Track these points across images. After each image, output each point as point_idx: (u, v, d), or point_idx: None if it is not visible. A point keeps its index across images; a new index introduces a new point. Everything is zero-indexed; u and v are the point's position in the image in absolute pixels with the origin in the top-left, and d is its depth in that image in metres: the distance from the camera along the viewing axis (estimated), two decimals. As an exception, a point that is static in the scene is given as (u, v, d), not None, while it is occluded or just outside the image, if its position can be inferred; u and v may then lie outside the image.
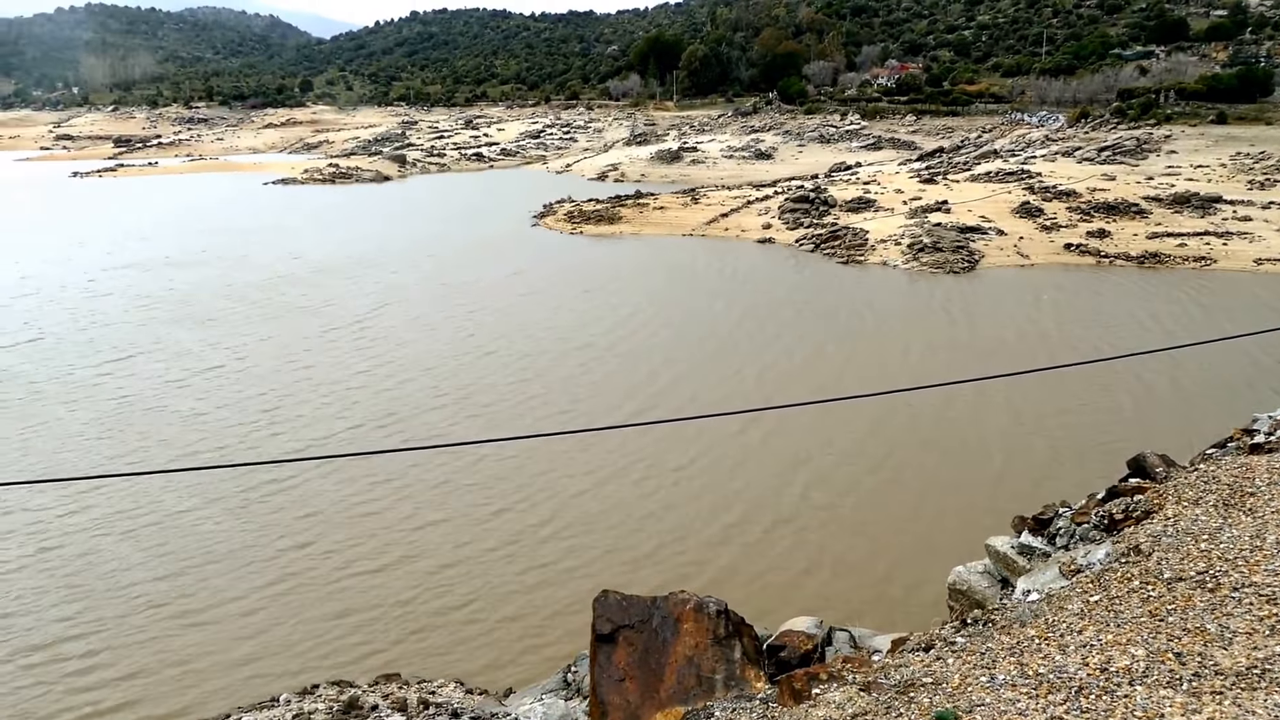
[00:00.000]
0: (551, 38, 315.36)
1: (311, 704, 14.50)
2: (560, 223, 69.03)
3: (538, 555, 19.76)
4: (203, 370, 33.06)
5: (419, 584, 18.71)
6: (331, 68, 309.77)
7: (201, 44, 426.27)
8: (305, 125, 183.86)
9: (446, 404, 29.39)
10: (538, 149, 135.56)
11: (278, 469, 23.86)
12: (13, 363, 34.21)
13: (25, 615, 17.66)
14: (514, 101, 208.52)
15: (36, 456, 25.27)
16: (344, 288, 46.79)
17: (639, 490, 22.86)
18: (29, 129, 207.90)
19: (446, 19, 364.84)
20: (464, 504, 22.16)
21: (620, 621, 6.72)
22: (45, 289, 47.13)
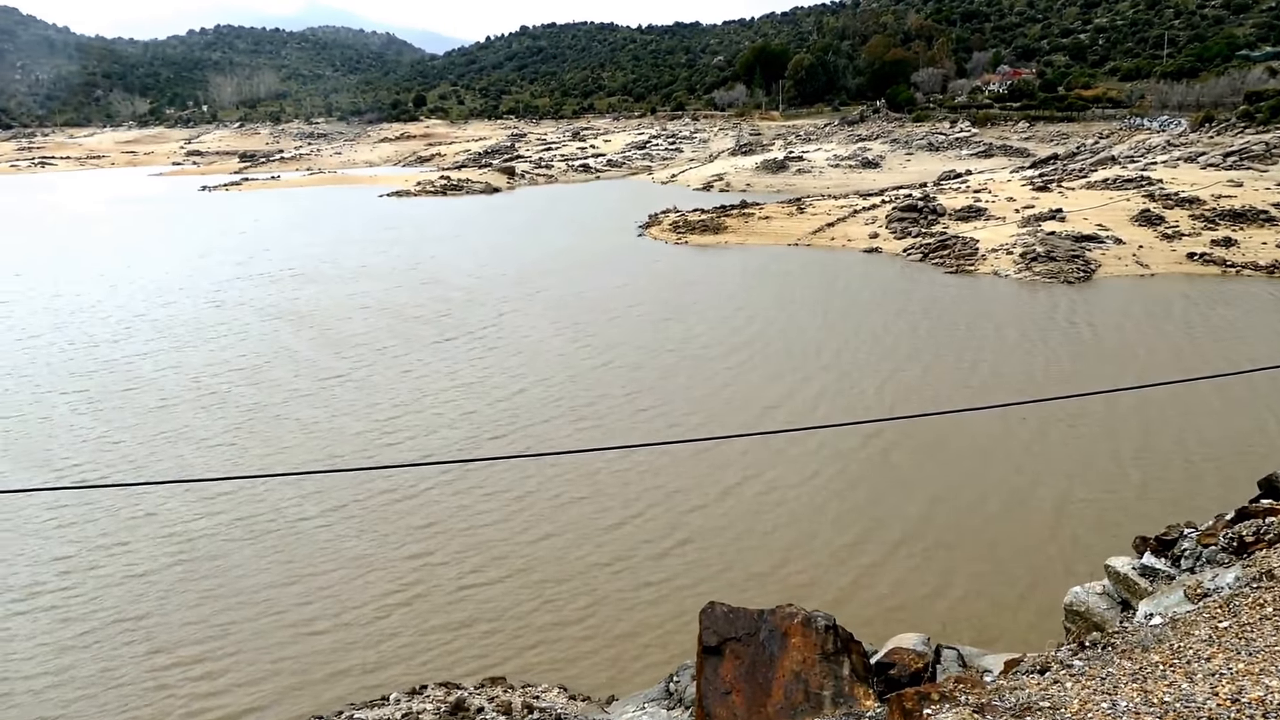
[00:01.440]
0: (658, 49, 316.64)
1: (420, 704, 14.78)
2: (665, 233, 69.21)
3: (649, 569, 19.64)
4: (325, 379, 33.86)
5: (533, 595, 18.80)
6: (444, 82, 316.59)
7: (322, 62, 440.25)
8: (418, 139, 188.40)
9: (560, 415, 29.46)
10: (643, 160, 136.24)
11: (397, 478, 24.37)
12: (148, 370, 35.64)
13: (156, 617, 18.31)
14: (620, 113, 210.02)
15: (168, 462, 26.27)
16: (458, 298, 47.57)
17: (757, 504, 22.55)
18: (162, 145, 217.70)
19: (555, 33, 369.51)
20: (580, 515, 22.11)
21: (727, 634, 6.69)
22: (179, 299, 49.06)
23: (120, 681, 16.07)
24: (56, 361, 37.40)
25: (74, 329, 42.92)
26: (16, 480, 25.10)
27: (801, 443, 25.92)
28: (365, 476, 24.27)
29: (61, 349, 39.36)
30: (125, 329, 42.46)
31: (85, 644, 17.20)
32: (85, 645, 17.19)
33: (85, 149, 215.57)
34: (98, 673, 16.33)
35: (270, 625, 17.83)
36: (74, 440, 28.20)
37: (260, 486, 23.94)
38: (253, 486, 23.86)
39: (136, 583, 19.36)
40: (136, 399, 31.99)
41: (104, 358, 37.76)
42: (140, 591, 19.04)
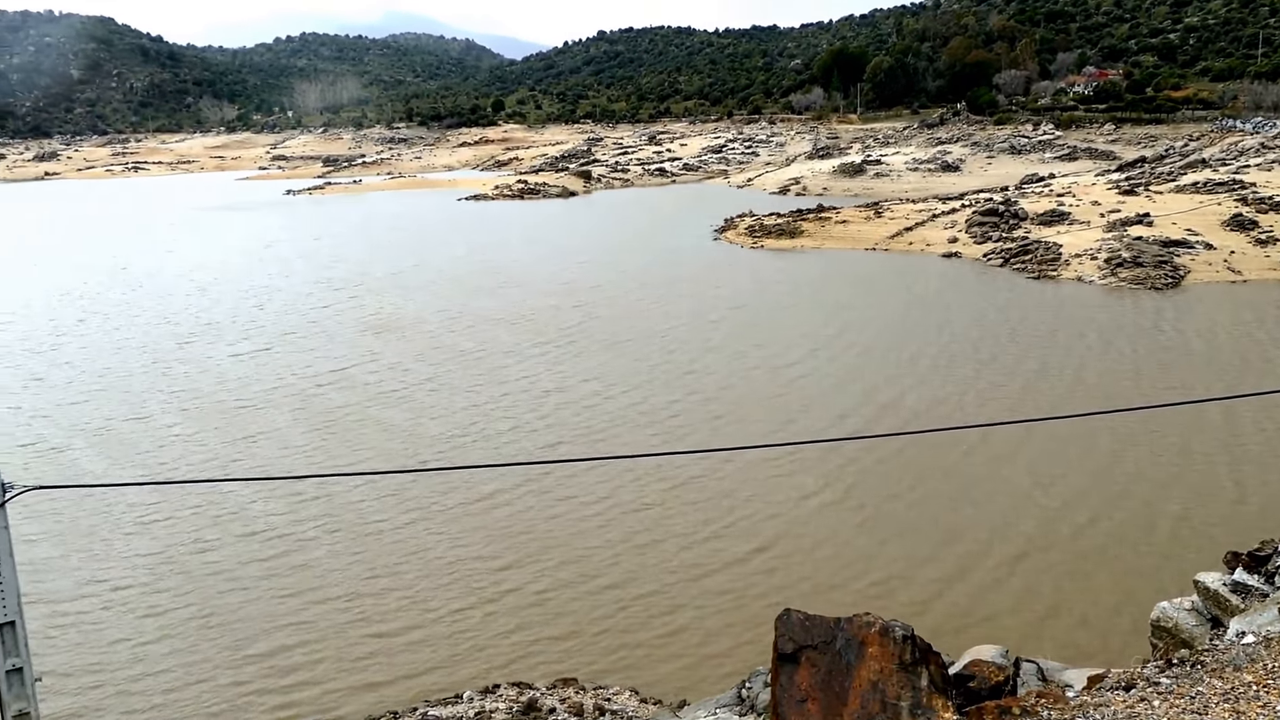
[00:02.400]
0: (735, 53, 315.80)
1: (493, 703, 14.94)
2: (741, 236, 69.01)
3: (724, 575, 19.55)
4: (407, 383, 34.23)
5: (606, 599, 18.86)
6: (522, 87, 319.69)
7: (403, 68, 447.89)
8: (496, 143, 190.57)
9: (642, 420, 29.42)
10: (719, 163, 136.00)
11: (477, 482, 24.65)
12: (245, 372, 36.54)
13: (237, 615, 18.72)
14: (696, 117, 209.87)
15: (251, 462, 26.89)
16: (541, 302, 47.77)
17: (836, 513, 22.29)
18: (249, 150, 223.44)
19: (632, 37, 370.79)
20: (658, 521, 22.03)
21: (803, 641, 6.65)
22: (270, 302, 50.18)
23: (201, 677, 16.46)
24: (153, 361, 38.55)
25: (168, 329, 44.21)
26: (114, 476, 25.97)
27: (882, 450, 25.59)
28: (447, 481, 24.48)
29: (155, 348, 40.58)
30: (215, 331, 43.57)
31: (169, 639, 17.63)
32: (169, 640, 17.62)
33: (176, 154, 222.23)
34: (180, 668, 16.75)
35: (348, 623, 18.11)
36: (164, 438, 29.02)
37: (340, 486, 24.34)
38: (334, 488, 24.24)
39: (219, 580, 19.81)
40: (223, 399, 32.79)
41: (196, 357, 38.82)
42: (223, 589, 19.46)
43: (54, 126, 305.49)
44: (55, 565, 20.27)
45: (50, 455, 27.59)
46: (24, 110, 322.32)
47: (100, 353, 39.90)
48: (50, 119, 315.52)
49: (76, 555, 21.01)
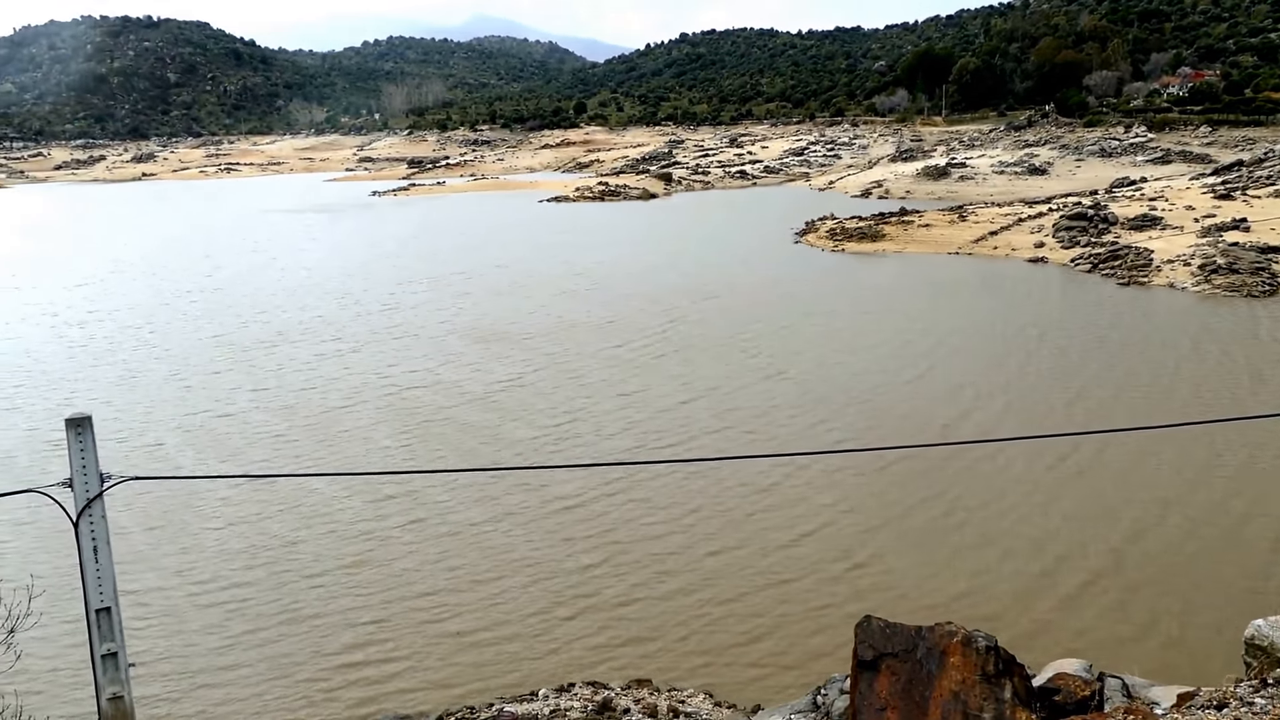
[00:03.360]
0: (818, 54, 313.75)
1: (568, 701, 15.05)
2: (822, 240, 68.50)
3: (806, 582, 19.33)
4: (496, 385, 34.35)
5: (683, 601, 18.84)
6: (604, 90, 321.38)
7: (487, 70, 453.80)
8: (578, 145, 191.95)
9: (729, 425, 29.12)
10: (801, 166, 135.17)
11: (564, 485, 24.86)
12: (326, 371, 37.28)
13: (322, 615, 19.03)
14: (778, 119, 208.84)
15: (341, 460, 27.38)
16: (624, 305, 47.77)
17: (938, 525, 21.79)
18: (337, 152, 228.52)
19: (714, 39, 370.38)
20: (760, 531, 21.76)
21: (883, 649, 6.61)
22: (358, 303, 50.94)
23: (283, 673, 16.76)
24: (243, 359, 39.61)
25: (258, 328, 45.39)
26: (205, 471, 26.76)
27: (968, 458, 25.10)
28: (528, 483, 24.66)
29: (246, 347, 41.70)
30: (305, 330, 44.49)
31: (253, 634, 17.95)
32: (252, 635, 17.94)
33: (267, 155, 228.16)
34: (263, 662, 17.07)
35: (426, 621, 18.29)
36: (255, 435, 29.80)
37: (423, 486, 24.60)
38: (416, 486, 24.49)
39: (303, 577, 20.14)
40: (314, 399, 33.43)
41: (285, 356, 39.75)
42: (307, 585, 19.77)
43: (151, 128, 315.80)
44: (146, 556, 20.87)
45: (145, 450, 28.41)
46: (123, 112, 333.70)
47: (193, 350, 41.05)
48: (148, 121, 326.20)
49: (166, 547, 21.62)
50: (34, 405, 33.13)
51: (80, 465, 6.79)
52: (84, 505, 6.82)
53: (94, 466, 6.84)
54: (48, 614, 10.70)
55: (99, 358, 40.14)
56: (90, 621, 6.97)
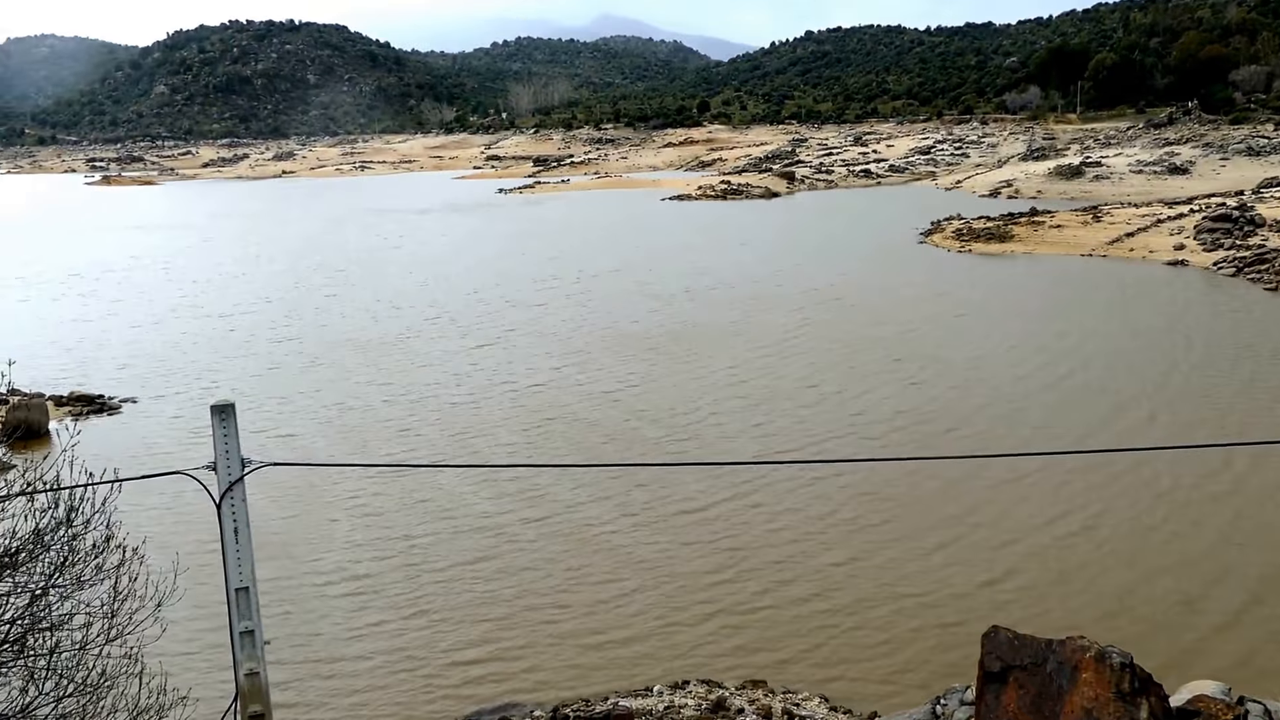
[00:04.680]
0: (946, 51, 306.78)
1: (682, 698, 15.13)
2: (948, 240, 67.02)
3: (931, 591, 18.92)
4: (620, 384, 34.35)
5: (802, 603, 18.70)
6: (727, 88, 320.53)
7: (612, 70, 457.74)
8: (701, 144, 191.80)
9: (857, 431, 28.55)
10: (927, 165, 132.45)
11: (686, 485, 24.95)
12: (461, 366, 37.88)
13: (443, 611, 19.36)
14: (904, 117, 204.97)
15: (465, 456, 27.86)
16: (748, 305, 47.29)
17: (1082, 541, 20.88)
18: (465, 150, 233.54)
19: (840, 37, 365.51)
20: (884, 539, 21.28)
21: (1011, 661, 6.47)
22: (489, 299, 51.59)
23: (404, 667, 17.04)
24: (377, 354, 40.79)
25: (391, 323, 46.62)
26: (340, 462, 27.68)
27: (1130, 473, 23.82)
28: (655, 484, 24.57)
29: (379, 341, 42.94)
30: (434, 326, 45.39)
31: (378, 630, 18.28)
32: (377, 627, 18.31)
33: (398, 154, 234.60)
34: (382, 654, 17.39)
35: (550, 620, 18.42)
36: (384, 429, 30.62)
37: (548, 485, 24.78)
38: (544, 488, 24.62)
39: (429, 575, 20.39)
40: (441, 394, 34.01)
41: (418, 351, 40.66)
42: (431, 583, 20.01)
43: (291, 128, 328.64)
44: (279, 542, 21.60)
45: (280, 439, 29.41)
46: (265, 112, 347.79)
47: (327, 344, 42.35)
48: (288, 121, 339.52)
49: (298, 534, 22.37)
50: (180, 394, 34.77)
51: (223, 450, 7.12)
52: (226, 488, 7.15)
53: (236, 451, 7.16)
54: (191, 591, 11.25)
55: (240, 349, 41.88)
56: (229, 599, 7.30)
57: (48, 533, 9.07)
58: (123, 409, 33.39)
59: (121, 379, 36.90)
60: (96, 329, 47.13)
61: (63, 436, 26.80)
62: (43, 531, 9.06)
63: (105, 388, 35.39)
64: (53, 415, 31.45)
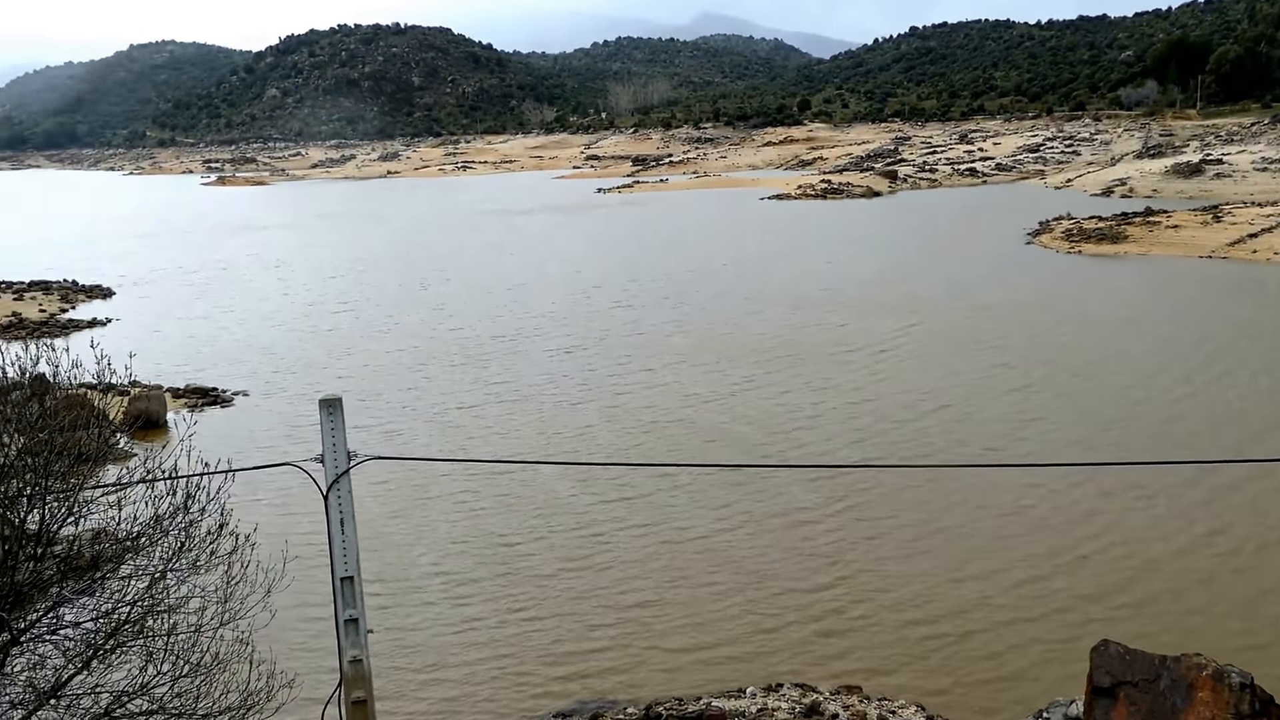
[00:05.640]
0: (1057, 46, 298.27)
1: (775, 701, 14.97)
2: (1057, 241, 65.18)
3: (1034, 603, 18.37)
4: (724, 387, 34.05)
5: (901, 613, 18.43)
6: (829, 86, 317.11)
7: (711, 69, 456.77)
8: (801, 143, 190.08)
9: (961, 442, 27.71)
10: (1035, 163, 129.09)
11: (787, 489, 24.77)
12: (563, 367, 38.22)
13: (545, 618, 19.56)
14: (1012, 114, 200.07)
15: (565, 456, 28.04)
16: (853, 308, 46.51)
17: (1228, 564, 19.90)
18: (565, 150, 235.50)
19: (945, 33, 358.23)
20: (1000, 554, 20.54)
21: (1121, 676, 6.22)
22: (586, 301, 51.91)
23: (499, 665, 17.07)
24: (477, 354, 41.43)
25: (492, 325, 47.03)
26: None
27: (1259, 482, 22.85)
28: (755, 487, 24.38)
29: (480, 343, 43.58)
30: (536, 326, 45.69)
31: (472, 628, 18.40)
32: (472, 629, 18.37)
33: (499, 154, 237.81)
34: (479, 659, 17.44)
35: (647, 625, 18.37)
36: (486, 428, 31.07)
37: (649, 489, 24.69)
38: (644, 492, 24.50)
39: (526, 575, 20.43)
40: (543, 394, 34.15)
41: (518, 351, 41.03)
42: (529, 584, 20.05)
43: (396, 129, 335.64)
44: (379, 537, 21.86)
45: (385, 435, 29.90)
46: (372, 114, 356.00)
47: (431, 342, 43.06)
48: (393, 122, 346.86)
49: (399, 530, 22.70)
50: (288, 388, 35.86)
51: (331, 443, 7.28)
52: (333, 480, 7.31)
53: (343, 444, 7.32)
54: (297, 579, 11.55)
55: (346, 346, 42.94)
56: (335, 588, 7.46)
57: (166, 519, 9.41)
58: (235, 401, 34.55)
59: (233, 373, 38.14)
60: (211, 325, 48.87)
61: (180, 427, 27.76)
62: (161, 517, 9.41)
63: (218, 381, 36.66)
64: (170, 406, 32.71)
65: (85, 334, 45.51)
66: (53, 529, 9.21)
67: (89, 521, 9.59)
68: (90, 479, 9.89)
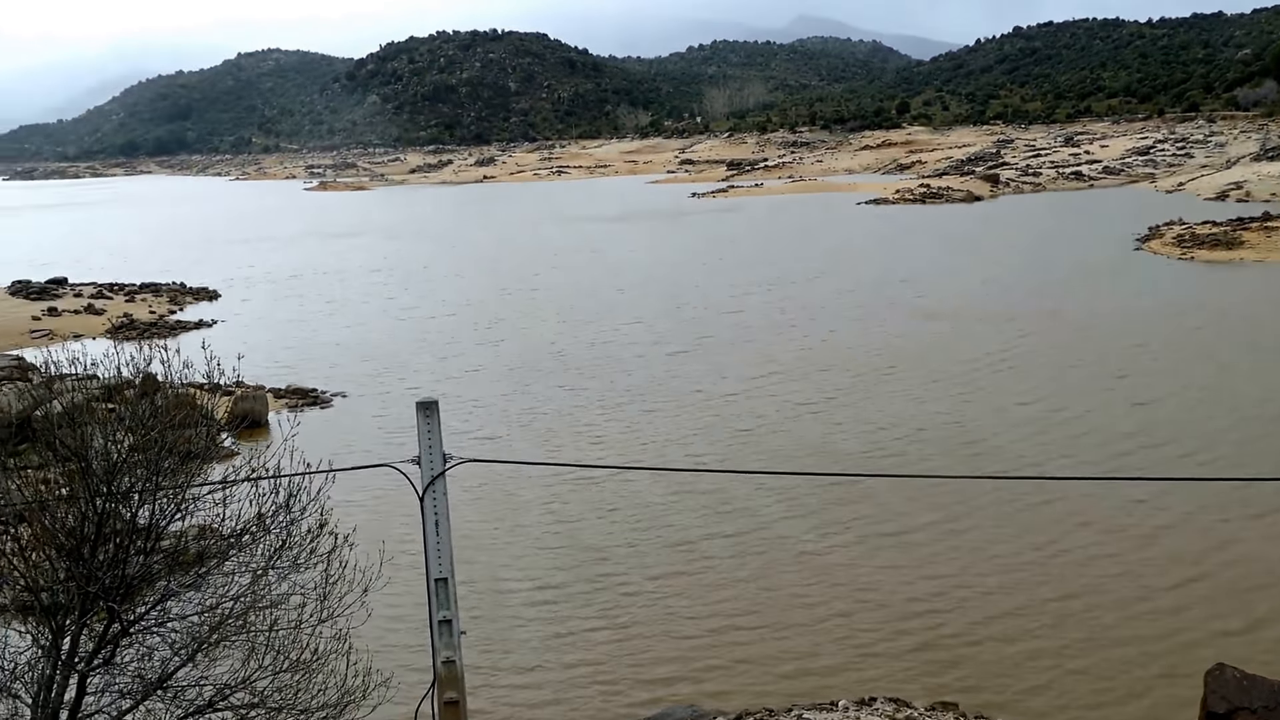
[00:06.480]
0: (1169, 45, 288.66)
1: (868, 714, 14.71)
2: (1168, 247, 62.94)
3: (1146, 623, 17.68)
4: (825, 395, 33.56)
5: (1005, 628, 17.98)
6: (928, 88, 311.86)
7: (808, 71, 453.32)
8: (899, 146, 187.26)
9: (1067, 454, 26.82)
10: (1145, 166, 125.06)
11: (893, 503, 24.37)
12: (658, 374, 38.31)
13: (636, 627, 19.58)
14: (1121, 116, 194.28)
15: (659, 464, 28.23)
16: (955, 316, 45.54)
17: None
18: (659, 154, 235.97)
19: (1050, 33, 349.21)
20: (1112, 574, 19.75)
21: (1238, 702, 5.92)
22: (686, 307, 51.55)
23: (587, 676, 17.08)
24: (571, 360, 41.77)
25: (587, 330, 47.50)
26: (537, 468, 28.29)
27: None
28: (854, 500, 23.96)
29: (572, 348, 43.94)
30: (629, 332, 45.58)
31: (561, 637, 18.36)
32: (561, 639, 18.33)
33: (594, 159, 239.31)
34: (567, 667, 17.40)
35: (739, 638, 18.14)
36: (579, 434, 31.23)
37: (746, 499, 24.30)
38: (741, 502, 24.14)
39: (617, 586, 20.32)
40: (636, 402, 34.02)
41: (611, 357, 41.11)
42: (619, 594, 19.93)
43: (492, 134, 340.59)
44: (471, 542, 21.68)
45: (480, 439, 30.06)
46: (469, 119, 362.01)
47: (525, 347, 43.32)
48: (490, 128, 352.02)
49: (491, 536, 22.79)
50: (385, 391, 36.47)
51: (427, 445, 7.34)
52: (429, 482, 7.37)
53: (439, 447, 7.37)
54: (393, 579, 11.72)
55: (442, 350, 43.55)
56: (429, 589, 7.51)
57: (269, 517, 9.63)
58: (333, 402, 35.37)
59: (332, 375, 39.02)
60: (310, 326, 50.23)
61: (283, 427, 28.39)
62: (264, 515, 9.63)
63: (317, 382, 37.53)
64: (271, 406, 33.62)
65: (192, 335, 47.15)
66: (161, 524, 9.48)
67: (195, 518, 9.86)
68: (197, 476, 10.18)
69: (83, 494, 9.13)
